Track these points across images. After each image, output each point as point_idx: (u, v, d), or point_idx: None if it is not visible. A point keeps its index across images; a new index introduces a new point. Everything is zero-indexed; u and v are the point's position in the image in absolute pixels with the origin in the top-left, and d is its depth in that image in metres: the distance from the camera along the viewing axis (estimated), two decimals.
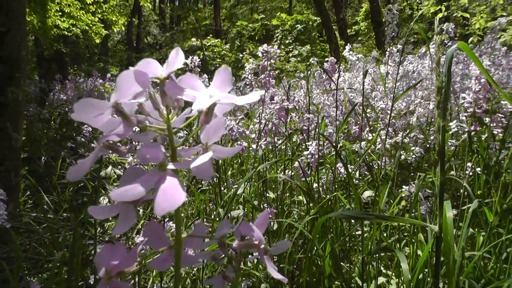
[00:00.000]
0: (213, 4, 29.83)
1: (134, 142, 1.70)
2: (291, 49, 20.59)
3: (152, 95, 0.50)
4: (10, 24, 3.31)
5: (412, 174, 2.68)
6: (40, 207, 3.47)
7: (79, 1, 7.75)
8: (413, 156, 2.32)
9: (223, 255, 0.60)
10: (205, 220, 2.66)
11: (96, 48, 20.62)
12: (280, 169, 2.51)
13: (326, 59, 3.30)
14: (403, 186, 2.07)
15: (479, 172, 2.00)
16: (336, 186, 2.22)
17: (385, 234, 2.04)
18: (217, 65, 12.69)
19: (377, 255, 1.70)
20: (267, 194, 2.42)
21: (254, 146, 2.28)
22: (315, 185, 2.29)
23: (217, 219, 2.18)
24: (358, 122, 2.60)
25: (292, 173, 2.26)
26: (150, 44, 31.00)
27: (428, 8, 11.33)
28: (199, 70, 3.13)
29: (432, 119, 2.79)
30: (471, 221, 1.70)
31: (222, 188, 2.61)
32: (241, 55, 14.17)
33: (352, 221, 2.15)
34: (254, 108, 4.84)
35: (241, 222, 0.56)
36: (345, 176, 2.38)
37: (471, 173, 2.00)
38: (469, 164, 2.04)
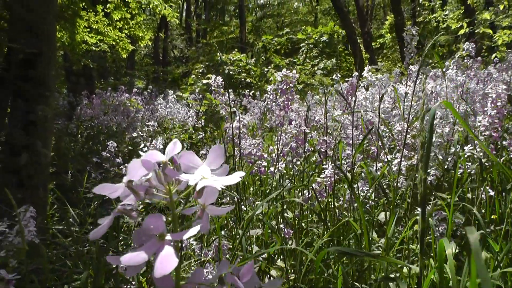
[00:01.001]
0: (239, 17, 30.08)
1: None
2: (316, 63, 20.62)
3: (158, 173, 0.61)
4: (40, 46, 3.44)
5: (433, 192, 2.69)
6: (66, 220, 3.57)
7: (106, 18, 7.94)
8: (429, 179, 2.34)
9: None
10: (226, 234, 2.72)
11: (123, 62, 20.98)
12: (298, 189, 2.55)
13: (347, 79, 3.34)
14: (417, 209, 2.09)
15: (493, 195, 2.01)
16: (352, 207, 2.26)
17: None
18: (242, 80, 12.79)
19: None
20: (286, 214, 2.47)
21: (272, 168, 2.33)
22: (334, 204, 2.33)
23: (237, 236, 2.24)
24: (376, 144, 2.63)
25: (310, 195, 2.30)
26: (176, 57, 31.40)
27: (452, 21, 11.28)
28: (222, 87, 3.20)
29: (451, 139, 2.81)
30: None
31: (243, 206, 2.66)
32: (266, 69, 14.25)
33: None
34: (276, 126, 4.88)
35: (225, 272, 0.64)
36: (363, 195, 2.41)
37: (484, 197, 2.02)
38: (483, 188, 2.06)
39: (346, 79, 3.53)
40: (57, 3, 3.92)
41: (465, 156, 2.09)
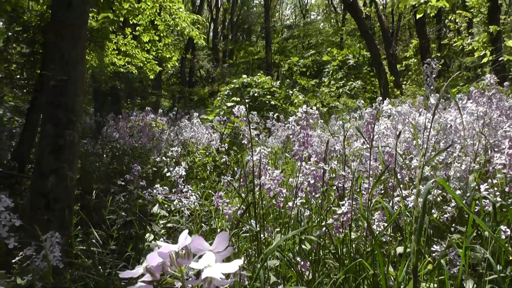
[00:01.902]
0: (265, 38, 30.34)
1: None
2: (341, 84, 20.62)
3: (172, 259, 0.71)
4: (69, 73, 3.57)
5: (453, 228, 2.69)
6: (89, 241, 3.65)
7: (135, 40, 8.13)
8: (445, 216, 2.34)
9: None
10: (245, 261, 2.76)
11: (150, 81, 21.32)
12: (316, 222, 2.59)
13: (374, 102, 3.37)
14: (434, 246, 2.10)
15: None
16: (368, 240, 2.28)
17: None
18: (267, 102, 12.87)
19: None
20: (303, 246, 2.50)
21: (290, 204, 2.38)
22: (350, 238, 2.36)
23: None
24: (395, 178, 2.65)
25: (326, 230, 2.33)
26: (202, 77, 31.78)
27: (477, 44, 11.18)
28: (245, 117, 3.26)
29: (467, 176, 2.81)
30: None
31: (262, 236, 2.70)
32: (291, 92, 14.34)
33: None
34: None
35: None
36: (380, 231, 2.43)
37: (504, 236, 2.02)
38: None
39: (373, 102, 3.56)
40: (87, 29, 4.05)
41: (481, 195, 2.09)
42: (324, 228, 2.27)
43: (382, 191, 3.21)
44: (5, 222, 2.08)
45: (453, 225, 2.63)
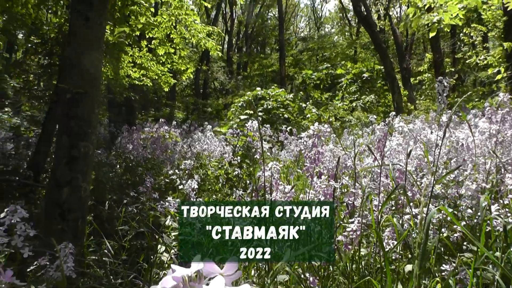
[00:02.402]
0: (279, 51, 30.46)
1: None
2: (355, 98, 20.61)
3: (185, 280, 0.75)
4: (86, 86, 3.64)
5: (465, 246, 2.68)
6: (102, 251, 3.70)
7: (150, 53, 8.22)
8: (456, 235, 2.35)
9: None
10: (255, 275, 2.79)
11: (164, 92, 21.48)
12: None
13: (387, 117, 3.38)
14: (443, 265, 2.10)
15: None
16: (378, 261, 2.29)
17: None
18: (280, 115, 12.90)
19: None
20: (313, 262, 2.52)
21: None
22: (359, 255, 2.37)
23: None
24: (405, 196, 2.66)
25: (335, 247, 2.34)
26: (216, 89, 31.94)
27: (492, 59, 11.11)
28: (258, 132, 3.29)
29: (478, 196, 2.81)
30: None
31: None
32: (304, 105, 14.37)
33: None
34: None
35: None
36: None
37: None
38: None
39: (386, 116, 3.58)
40: (103, 43, 4.13)
41: (492, 216, 2.10)
42: (333, 245, 2.28)
43: (394, 208, 3.22)
44: (21, 232, 2.14)
45: (465, 243, 2.63)
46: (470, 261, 1.99)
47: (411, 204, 2.53)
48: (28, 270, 2.50)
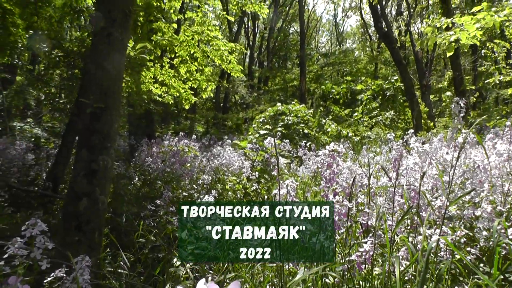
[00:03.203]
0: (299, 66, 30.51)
1: None
2: (375, 114, 20.55)
3: None
4: (107, 102, 3.72)
5: (481, 268, 2.65)
6: (117, 263, 3.74)
7: (172, 69, 8.32)
8: (468, 257, 2.33)
9: None
10: None
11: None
12: (341, 256, 2.61)
13: (394, 147, 3.37)
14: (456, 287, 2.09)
15: None
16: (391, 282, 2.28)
17: None
18: (301, 130, 12.92)
19: None
20: (326, 280, 2.53)
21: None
22: (372, 276, 2.36)
23: None
24: (418, 217, 2.66)
25: (348, 266, 2.35)
26: (237, 103, 32.08)
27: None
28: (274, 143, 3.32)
29: (493, 218, 2.78)
30: None
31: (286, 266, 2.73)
32: (324, 121, 14.38)
33: None
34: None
35: None
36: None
37: None
38: None
39: (405, 133, 3.57)
40: (125, 60, 4.21)
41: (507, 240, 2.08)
42: (346, 265, 2.29)
43: (409, 227, 3.21)
44: (40, 245, 2.21)
45: (481, 265, 2.61)
46: (483, 284, 1.98)
47: (425, 224, 2.52)
48: (45, 281, 2.55)
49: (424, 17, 25.74)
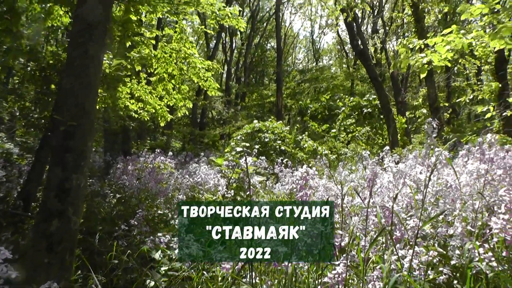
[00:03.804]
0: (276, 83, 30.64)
1: None
2: (351, 131, 20.75)
3: None
4: (80, 119, 3.67)
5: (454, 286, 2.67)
6: (89, 286, 3.68)
7: (148, 85, 8.29)
8: (441, 277, 2.35)
9: None
10: None
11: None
12: (313, 278, 2.60)
13: (369, 166, 3.40)
14: None
15: None
16: None
17: None
18: (277, 147, 12.93)
19: None
20: None
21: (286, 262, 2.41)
22: None
23: None
24: (390, 238, 2.67)
25: None
26: (214, 118, 32.03)
27: (484, 94, 11.26)
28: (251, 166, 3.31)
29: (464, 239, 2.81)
30: None
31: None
32: (300, 137, 14.40)
33: None
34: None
35: None
36: None
37: None
38: None
39: (382, 149, 3.59)
40: (100, 78, 4.17)
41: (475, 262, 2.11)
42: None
43: (384, 245, 3.22)
44: (1, 274, 2.10)
45: (455, 281, 2.63)
46: None
47: (398, 245, 2.54)
48: None
49: (399, 35, 26.21)
